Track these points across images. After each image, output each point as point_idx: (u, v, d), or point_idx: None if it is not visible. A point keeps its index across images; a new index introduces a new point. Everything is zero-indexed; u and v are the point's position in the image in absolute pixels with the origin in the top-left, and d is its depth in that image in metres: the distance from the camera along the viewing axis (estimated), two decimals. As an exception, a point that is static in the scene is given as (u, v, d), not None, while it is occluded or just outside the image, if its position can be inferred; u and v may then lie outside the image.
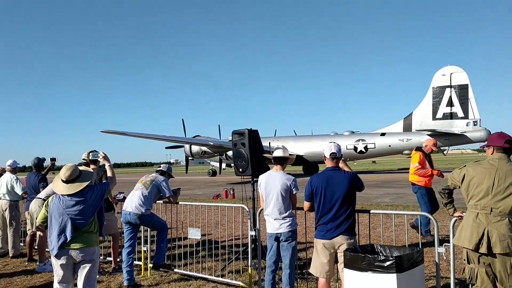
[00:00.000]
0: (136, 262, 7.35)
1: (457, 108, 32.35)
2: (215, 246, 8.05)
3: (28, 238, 8.71)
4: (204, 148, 38.53)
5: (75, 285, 4.83)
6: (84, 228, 4.69)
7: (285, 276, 5.55)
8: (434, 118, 33.11)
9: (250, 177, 7.41)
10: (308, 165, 38.50)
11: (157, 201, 7.38)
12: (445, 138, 32.24)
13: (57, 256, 4.63)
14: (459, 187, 4.44)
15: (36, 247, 8.48)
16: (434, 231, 4.84)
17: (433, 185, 8.67)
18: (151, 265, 7.29)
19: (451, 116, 32.53)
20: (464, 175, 4.36)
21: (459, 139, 32.28)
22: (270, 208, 5.56)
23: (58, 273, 4.68)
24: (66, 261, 4.64)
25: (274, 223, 5.55)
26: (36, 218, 7.99)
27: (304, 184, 5.29)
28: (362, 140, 34.91)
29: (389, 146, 33.97)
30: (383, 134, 34.93)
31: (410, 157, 9.97)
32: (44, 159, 9.37)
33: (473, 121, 31.71)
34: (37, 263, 8.05)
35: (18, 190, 9.11)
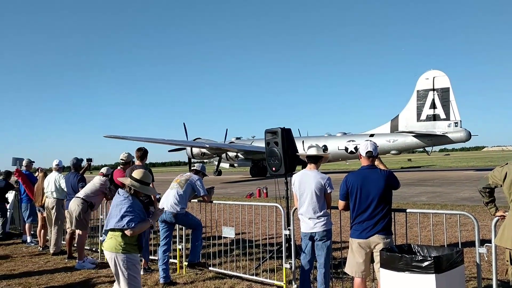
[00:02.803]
0: (171, 260, 7.45)
1: (439, 110, 34.05)
2: (249, 245, 8.07)
3: (67, 236, 8.96)
4: (203, 150, 41.58)
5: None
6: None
7: (320, 275, 5.51)
8: (418, 119, 34.81)
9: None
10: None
11: (192, 200, 7.46)
12: (428, 138, 34.19)
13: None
14: (501, 186, 4.29)
15: (75, 245, 8.72)
16: (475, 231, 4.69)
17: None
18: (186, 263, 7.38)
19: (434, 117, 34.16)
20: (506, 173, 4.21)
21: (441, 139, 33.97)
22: (305, 207, 5.53)
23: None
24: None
25: (308, 223, 5.52)
26: (75, 217, 8.25)
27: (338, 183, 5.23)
28: (352, 141, 36.44)
29: (377, 146, 35.09)
30: (371, 135, 36.21)
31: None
32: (81, 160, 9.64)
33: (454, 123, 33.32)
34: (76, 260, 8.28)
35: (65, 188, 9.35)
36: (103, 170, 8.68)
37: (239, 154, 40.54)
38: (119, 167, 8.15)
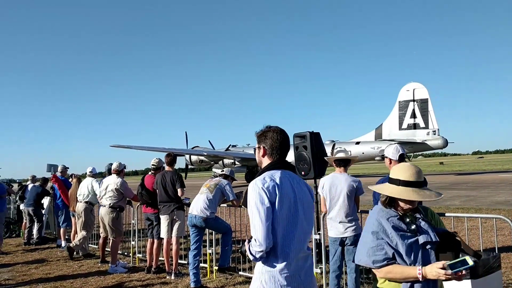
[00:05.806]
0: (201, 265, 7.49)
1: (419, 120, 36.75)
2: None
3: (100, 241, 9.12)
4: (201, 158, 44.09)
5: None
6: None
7: (350, 280, 5.45)
8: (400, 128, 37.46)
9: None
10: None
11: (221, 205, 7.48)
12: (409, 146, 36.23)
13: None
14: None
15: (108, 249, 8.88)
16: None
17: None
18: (216, 268, 7.40)
19: (415, 126, 36.91)
20: None
21: (421, 146, 36.57)
22: (335, 211, 5.47)
23: None
24: None
25: (338, 227, 5.46)
26: (108, 225, 8.38)
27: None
28: (340, 148, 37.96)
29: (363, 153, 37.24)
30: (357, 143, 38.47)
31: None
32: None
33: (433, 131, 35.95)
34: (109, 264, 8.42)
35: (98, 192, 9.48)
36: (115, 166, 8.67)
37: (235, 161, 42.32)
38: (150, 173, 8.26)
